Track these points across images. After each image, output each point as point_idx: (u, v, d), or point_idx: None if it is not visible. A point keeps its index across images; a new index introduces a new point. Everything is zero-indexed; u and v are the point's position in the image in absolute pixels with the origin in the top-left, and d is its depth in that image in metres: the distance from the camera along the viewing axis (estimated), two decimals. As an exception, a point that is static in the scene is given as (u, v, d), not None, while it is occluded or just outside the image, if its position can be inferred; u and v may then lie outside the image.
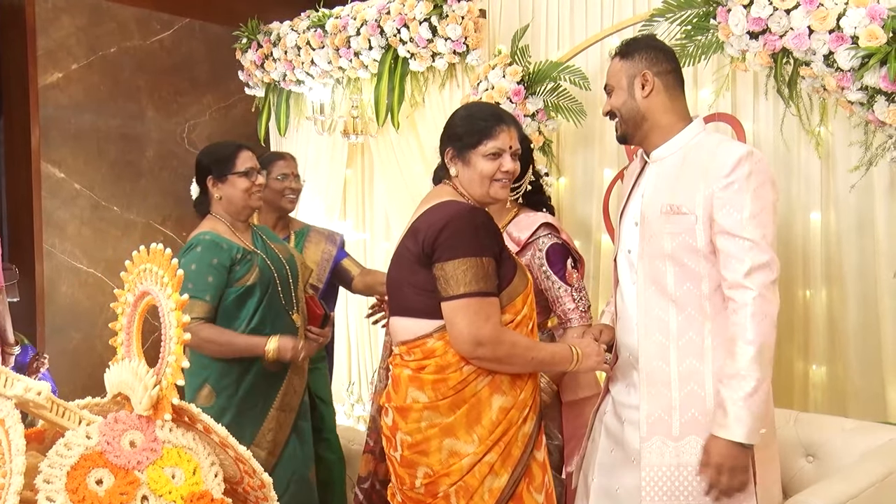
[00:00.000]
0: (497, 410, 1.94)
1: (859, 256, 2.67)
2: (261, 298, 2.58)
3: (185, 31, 4.62)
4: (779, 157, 2.82)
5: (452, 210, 1.98)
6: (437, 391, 1.94)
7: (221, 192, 2.64)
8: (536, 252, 2.39)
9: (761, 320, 1.86)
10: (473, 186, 2.05)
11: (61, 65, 4.14)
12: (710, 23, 2.60)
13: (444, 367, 1.95)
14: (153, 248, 1.27)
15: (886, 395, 2.58)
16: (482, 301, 1.90)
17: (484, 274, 1.91)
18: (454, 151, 2.07)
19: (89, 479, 1.13)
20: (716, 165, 1.95)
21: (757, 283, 1.87)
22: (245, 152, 2.68)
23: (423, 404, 1.95)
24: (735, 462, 1.87)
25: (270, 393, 2.62)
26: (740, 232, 1.90)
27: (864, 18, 2.26)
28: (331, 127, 4.11)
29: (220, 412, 2.54)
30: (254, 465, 1.31)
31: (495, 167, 2.03)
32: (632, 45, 2.15)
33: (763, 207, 1.92)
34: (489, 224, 1.97)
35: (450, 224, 1.94)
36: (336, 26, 3.87)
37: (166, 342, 1.23)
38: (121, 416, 1.22)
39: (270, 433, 2.61)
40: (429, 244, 1.94)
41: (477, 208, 2.01)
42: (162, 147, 4.53)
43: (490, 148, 2.02)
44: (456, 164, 2.07)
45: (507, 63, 3.21)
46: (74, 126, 4.20)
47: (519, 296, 2.00)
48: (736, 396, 1.86)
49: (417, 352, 1.98)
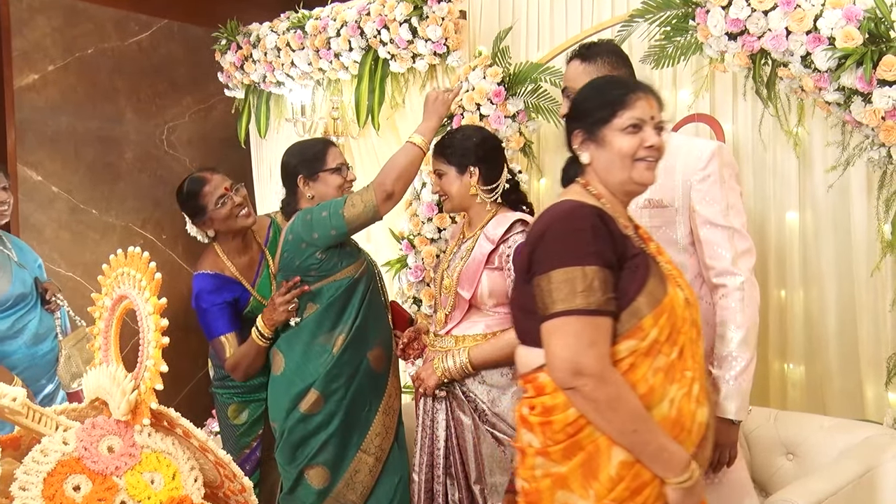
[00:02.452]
0: (617, 466, 1.55)
1: (836, 256, 2.69)
2: (364, 294, 2.56)
3: (164, 32, 4.59)
4: (757, 156, 2.85)
5: (556, 211, 1.68)
6: (546, 435, 1.62)
7: (313, 191, 2.61)
8: (506, 250, 2.40)
9: (749, 303, 1.97)
10: (613, 172, 1.71)
11: (37, 66, 4.10)
12: (688, 24, 2.61)
13: (550, 408, 1.61)
14: (131, 251, 1.26)
15: (864, 393, 2.61)
16: (584, 321, 1.54)
17: (586, 287, 1.54)
18: (584, 133, 1.74)
19: (66, 485, 1.12)
20: (691, 159, 2.05)
21: (744, 268, 1.98)
22: (334, 148, 2.67)
23: (535, 449, 1.64)
24: (726, 438, 1.96)
25: (377, 395, 2.58)
26: (722, 221, 2.01)
27: (841, 20, 2.28)
28: (311, 128, 4.09)
29: (329, 418, 2.50)
30: (234, 469, 1.30)
31: (636, 143, 1.68)
32: (593, 49, 2.19)
33: (737, 197, 2.04)
34: (599, 226, 1.61)
35: (550, 229, 1.64)
36: (316, 27, 3.86)
37: (144, 346, 1.22)
38: (98, 422, 1.21)
39: (378, 438, 2.56)
40: (528, 255, 1.66)
41: (585, 206, 1.65)
42: (141, 149, 4.50)
43: (627, 119, 1.68)
44: (588, 147, 1.74)
45: (488, 64, 3.21)
46: (51, 128, 4.15)
47: (647, 316, 1.58)
48: (728, 376, 1.95)
49: (530, 388, 1.68)
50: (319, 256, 2.49)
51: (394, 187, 2.43)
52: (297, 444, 2.53)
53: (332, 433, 2.50)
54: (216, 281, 2.72)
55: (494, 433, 2.38)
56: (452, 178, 2.49)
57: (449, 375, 2.42)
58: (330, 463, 2.51)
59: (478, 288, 2.42)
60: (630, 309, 1.58)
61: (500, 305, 2.43)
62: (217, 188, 2.71)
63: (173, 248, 4.61)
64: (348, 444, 2.52)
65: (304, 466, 2.52)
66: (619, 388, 1.54)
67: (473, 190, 2.47)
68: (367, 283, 2.58)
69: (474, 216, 2.53)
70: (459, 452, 2.42)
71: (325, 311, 2.52)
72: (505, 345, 2.36)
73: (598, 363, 1.53)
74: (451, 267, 2.52)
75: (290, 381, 2.53)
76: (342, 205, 2.44)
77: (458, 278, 2.46)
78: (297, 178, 2.62)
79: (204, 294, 2.70)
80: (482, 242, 2.43)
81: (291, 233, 2.53)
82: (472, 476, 2.39)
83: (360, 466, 2.53)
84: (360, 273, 2.56)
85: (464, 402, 2.42)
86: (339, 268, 2.53)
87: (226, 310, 2.71)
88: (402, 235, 3.37)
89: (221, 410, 2.91)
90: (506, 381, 2.40)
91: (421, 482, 2.49)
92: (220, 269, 2.76)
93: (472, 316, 2.47)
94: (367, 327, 2.54)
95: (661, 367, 1.58)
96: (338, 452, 2.52)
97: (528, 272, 1.64)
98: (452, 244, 2.64)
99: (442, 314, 2.53)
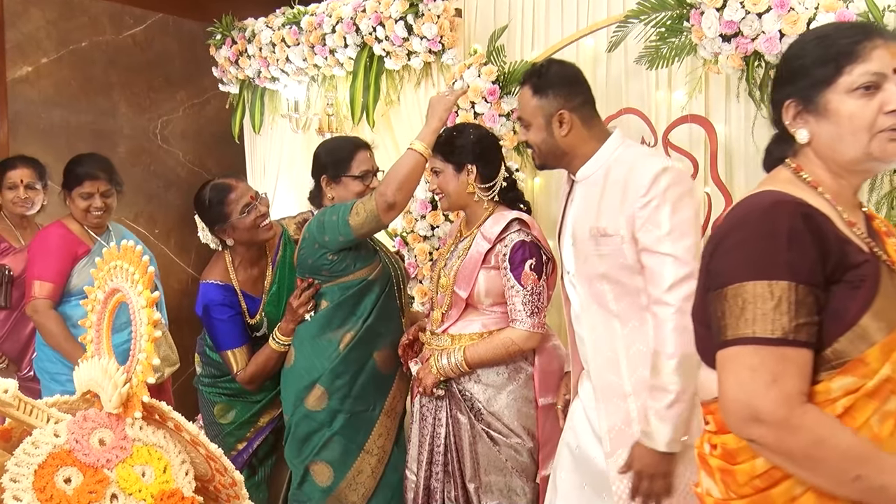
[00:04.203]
0: None
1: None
2: (378, 296, 2.56)
3: (159, 26, 4.57)
4: (749, 158, 2.86)
5: (748, 207, 1.31)
6: (728, 485, 1.31)
7: (334, 193, 2.61)
8: (502, 249, 2.40)
9: (681, 333, 1.88)
10: (843, 147, 1.30)
11: (31, 59, 4.08)
12: (683, 25, 2.62)
13: (733, 452, 1.30)
14: (124, 244, 1.26)
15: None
16: (765, 352, 1.21)
17: (775, 308, 1.20)
18: (797, 99, 1.34)
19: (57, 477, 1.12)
20: (634, 185, 1.98)
21: (676, 298, 1.91)
22: (362, 153, 2.63)
23: (714, 500, 1.35)
24: (656, 469, 1.92)
25: (380, 395, 2.59)
26: (659, 248, 1.94)
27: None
28: (305, 125, 4.09)
29: (332, 415, 2.51)
30: (225, 462, 1.30)
31: (875, 107, 1.27)
32: (544, 80, 2.15)
33: (683, 220, 1.94)
34: (801, 229, 1.23)
35: (735, 230, 1.29)
36: (311, 23, 3.85)
37: (136, 339, 1.22)
38: (90, 414, 1.21)
39: (381, 439, 2.58)
40: (706, 261, 1.35)
41: (788, 202, 1.27)
42: (134, 143, 4.49)
43: (860, 76, 1.27)
44: (803, 118, 1.34)
45: (483, 63, 3.21)
46: (45, 121, 4.14)
47: (874, 346, 1.21)
48: (658, 406, 1.91)
49: (711, 421, 1.38)
50: (331, 258, 2.50)
51: (395, 197, 2.39)
52: (302, 439, 2.56)
53: (335, 431, 2.52)
54: (226, 293, 2.72)
55: (490, 432, 2.39)
56: (450, 176, 2.49)
57: (444, 374, 2.42)
58: (334, 461, 2.53)
59: (474, 287, 2.42)
60: (849, 335, 1.21)
61: (497, 304, 2.43)
62: (243, 196, 2.66)
63: (166, 242, 4.60)
64: (352, 443, 2.54)
65: (310, 462, 2.55)
66: (819, 429, 1.18)
67: (471, 188, 2.47)
68: (382, 285, 2.58)
69: (471, 214, 2.53)
70: (455, 451, 2.42)
71: (335, 310, 2.54)
72: (500, 344, 2.36)
73: (779, 407, 1.18)
74: (448, 266, 2.52)
75: (299, 375, 2.56)
76: (349, 212, 2.43)
77: (455, 277, 2.46)
78: (322, 178, 2.61)
79: (214, 306, 2.69)
80: (479, 241, 2.44)
81: (308, 232, 2.55)
82: (467, 474, 2.40)
83: (363, 467, 2.54)
84: (374, 276, 2.56)
85: (460, 401, 2.42)
86: (351, 270, 2.53)
87: (237, 323, 2.71)
88: (395, 233, 3.37)
89: (207, 407, 2.90)
90: (502, 380, 2.40)
91: (420, 479, 2.49)
92: (228, 281, 2.75)
93: (469, 315, 2.48)
94: (378, 328, 2.55)
95: (894, 411, 1.20)
96: (341, 451, 2.53)
97: (706, 281, 1.33)
98: (449, 242, 2.64)
99: (438, 313, 2.53)
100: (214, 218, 2.67)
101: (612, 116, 3.11)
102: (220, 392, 2.85)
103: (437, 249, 3.24)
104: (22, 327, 3.35)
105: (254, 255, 2.78)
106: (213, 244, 2.76)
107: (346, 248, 2.49)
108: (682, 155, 2.97)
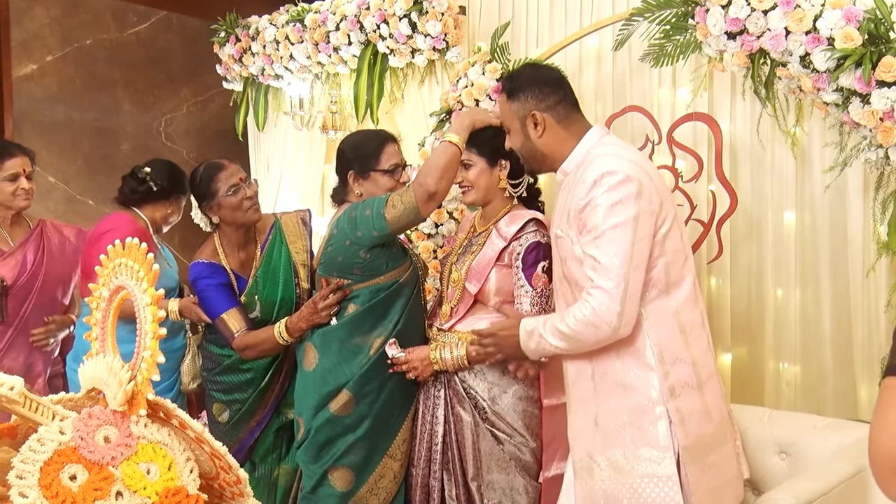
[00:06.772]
0: None
1: (832, 256, 2.70)
2: (408, 299, 2.51)
3: (162, 23, 4.57)
4: (755, 156, 2.86)
5: None
6: None
7: (363, 189, 2.54)
8: (517, 247, 2.39)
9: (586, 326, 1.97)
10: None
11: (35, 56, 4.09)
12: (688, 23, 2.61)
13: None
14: (129, 242, 1.26)
15: (858, 393, 2.62)
16: None
17: None
18: None
19: (63, 474, 1.12)
20: (579, 188, 2.01)
21: (596, 301, 1.95)
22: (391, 146, 2.57)
23: None
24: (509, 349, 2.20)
25: (408, 400, 2.53)
26: (588, 249, 1.98)
27: (841, 20, 2.28)
28: (309, 122, 4.09)
29: (359, 420, 2.45)
30: (230, 460, 1.30)
31: None
32: (516, 83, 2.16)
33: (616, 225, 1.94)
34: None
35: None
36: (315, 21, 3.85)
37: (141, 337, 1.22)
38: (95, 412, 1.21)
39: (404, 444, 2.52)
40: None
41: None
42: (138, 141, 4.49)
43: None
44: None
45: (487, 60, 3.21)
46: (49, 118, 4.15)
47: None
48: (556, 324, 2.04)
49: None
50: (364, 256, 2.42)
51: (437, 186, 2.32)
52: (322, 444, 2.48)
53: (360, 436, 2.45)
54: (212, 268, 2.74)
55: (494, 431, 2.38)
56: (482, 170, 2.47)
57: (442, 366, 2.41)
58: (356, 466, 2.46)
59: (485, 284, 2.42)
60: None
61: (506, 303, 2.42)
62: (232, 176, 2.72)
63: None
64: (375, 448, 2.48)
65: (329, 467, 2.47)
66: None
67: (503, 183, 2.47)
68: (411, 287, 2.52)
69: (491, 210, 2.52)
70: (458, 449, 2.41)
71: (366, 313, 2.47)
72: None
73: None
74: (461, 261, 2.51)
75: (323, 379, 2.48)
76: (384, 205, 2.36)
77: (468, 272, 2.45)
78: (348, 173, 2.56)
79: (202, 278, 2.71)
80: (494, 239, 2.43)
81: (337, 228, 2.47)
82: (469, 473, 2.39)
83: (385, 472, 2.49)
84: (406, 277, 2.50)
85: (464, 399, 2.41)
86: (384, 270, 2.46)
87: (222, 289, 2.70)
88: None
89: (209, 403, 2.90)
90: (507, 379, 2.39)
91: (418, 476, 2.49)
92: (217, 261, 2.77)
93: (477, 312, 2.47)
94: (408, 332, 2.49)
95: None
96: (365, 456, 2.47)
97: None
98: (462, 237, 2.63)
99: (447, 307, 2.52)
100: (203, 193, 2.72)
101: (617, 114, 3.11)
102: (215, 390, 2.84)
103: (440, 247, 3.24)
104: (23, 341, 3.05)
105: (241, 237, 2.79)
106: (203, 224, 2.80)
107: (379, 244, 2.41)
108: (687, 153, 2.97)
